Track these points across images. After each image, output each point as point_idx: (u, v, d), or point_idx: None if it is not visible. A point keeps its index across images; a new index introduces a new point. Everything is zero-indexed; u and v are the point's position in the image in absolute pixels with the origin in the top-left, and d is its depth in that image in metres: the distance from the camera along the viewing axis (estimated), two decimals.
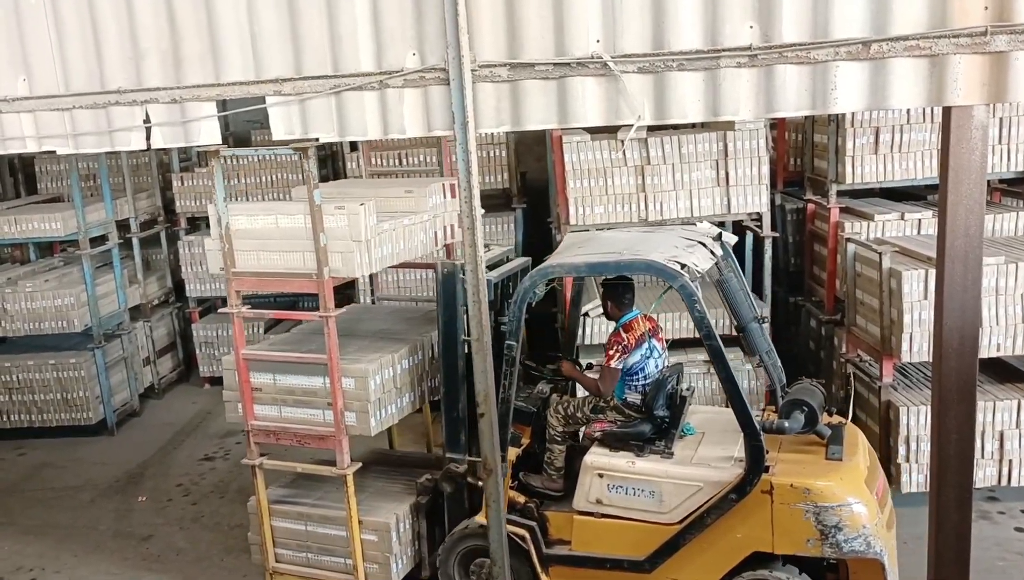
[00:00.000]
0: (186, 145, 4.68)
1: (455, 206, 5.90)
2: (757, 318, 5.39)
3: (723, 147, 7.20)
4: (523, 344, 5.29)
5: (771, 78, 3.82)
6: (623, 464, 5.00)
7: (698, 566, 4.84)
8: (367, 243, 5.10)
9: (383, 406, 5.41)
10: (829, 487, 4.58)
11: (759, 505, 4.67)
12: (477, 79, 4.15)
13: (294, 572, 5.72)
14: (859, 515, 4.54)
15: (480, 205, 4.40)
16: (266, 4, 4.27)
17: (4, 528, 7.22)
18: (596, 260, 5.03)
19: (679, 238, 5.28)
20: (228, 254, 5.24)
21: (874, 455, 5.20)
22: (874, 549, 4.57)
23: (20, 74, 4.59)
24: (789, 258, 8.77)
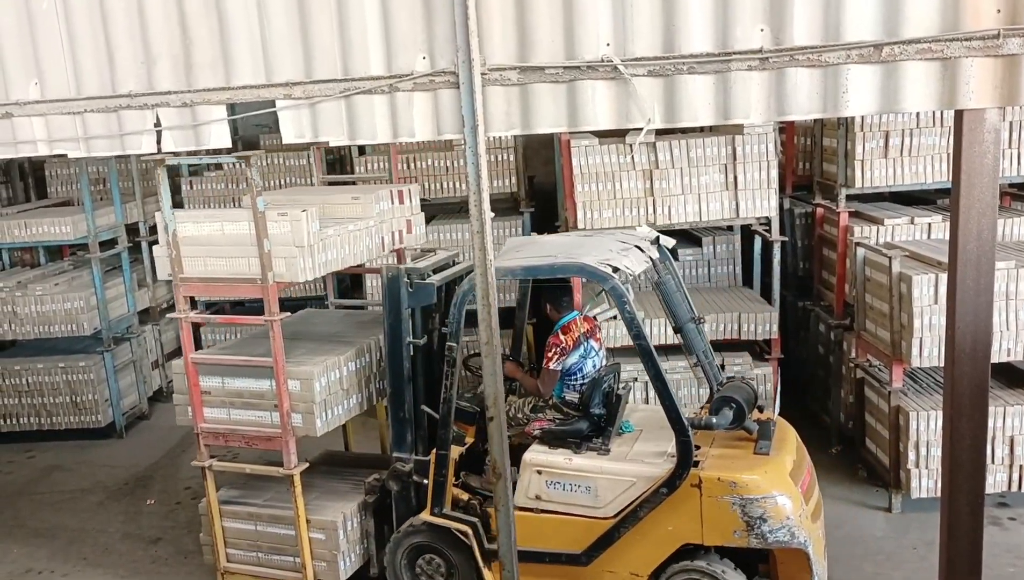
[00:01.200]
0: (196, 149, 4.68)
1: (403, 212, 6.24)
2: (694, 319, 5.56)
3: (732, 151, 7.19)
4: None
5: (782, 81, 3.81)
6: (560, 461, 5.21)
7: (633, 558, 5.05)
8: (310, 248, 5.30)
9: (329, 407, 5.56)
10: (754, 480, 4.79)
11: (689, 498, 4.88)
12: (487, 82, 4.14)
13: (245, 571, 5.86)
14: (783, 507, 4.75)
15: (489, 209, 4.39)
16: (277, 9, 4.27)
17: (14, 530, 7.24)
18: (531, 264, 5.21)
19: (615, 242, 5.43)
20: (176, 260, 5.43)
21: (803, 450, 5.37)
22: (798, 539, 4.77)
23: (32, 78, 4.60)
24: (798, 262, 8.74)
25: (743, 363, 7.27)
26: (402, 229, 6.25)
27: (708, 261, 8.27)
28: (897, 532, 6.37)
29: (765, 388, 7.28)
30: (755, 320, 7.23)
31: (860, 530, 6.41)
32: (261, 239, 5.17)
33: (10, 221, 8.84)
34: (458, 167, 8.70)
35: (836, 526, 6.47)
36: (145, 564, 6.56)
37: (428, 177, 8.80)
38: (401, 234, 6.26)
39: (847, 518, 6.58)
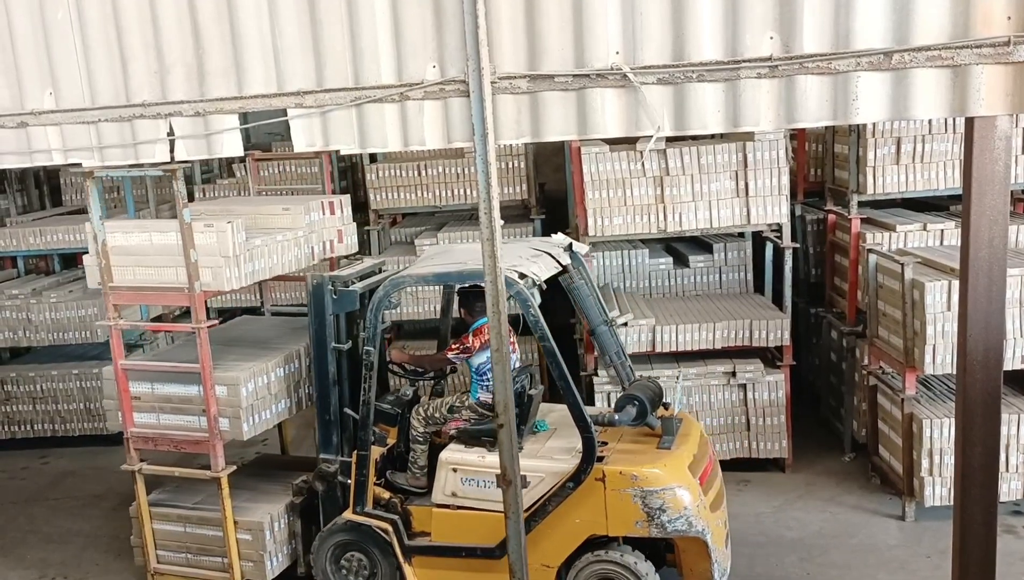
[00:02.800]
0: (209, 157, 4.73)
1: (334, 222, 6.53)
2: (606, 321, 5.85)
3: (742, 158, 7.18)
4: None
5: (792, 89, 3.81)
6: (474, 459, 5.49)
7: (544, 550, 5.30)
8: (236, 258, 5.54)
9: (256, 412, 5.78)
10: (654, 473, 5.09)
11: (594, 492, 5.16)
12: (497, 91, 4.16)
13: (175, 572, 6.07)
14: (681, 498, 5.06)
15: (499, 216, 4.40)
16: (289, 19, 4.31)
17: (28, 536, 7.30)
18: (441, 270, 5.54)
19: (527, 249, 5.71)
20: (105, 270, 5.63)
21: (707, 445, 5.68)
22: (696, 528, 5.09)
23: (47, 87, 4.65)
24: (810, 269, 8.72)
25: (754, 370, 7.25)
26: (333, 239, 6.55)
27: (719, 268, 8.25)
28: (910, 540, 6.33)
29: (777, 395, 7.26)
30: (767, 327, 7.21)
31: (873, 538, 6.38)
32: (188, 250, 5.38)
33: (25, 229, 8.92)
34: (469, 174, 8.72)
35: (849, 534, 6.44)
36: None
37: (439, 184, 8.83)
38: (332, 244, 6.54)
39: (860, 526, 6.55)
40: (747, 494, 7.15)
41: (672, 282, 8.31)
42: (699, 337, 7.21)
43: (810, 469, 7.50)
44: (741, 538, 6.47)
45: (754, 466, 7.43)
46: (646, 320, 7.23)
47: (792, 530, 6.57)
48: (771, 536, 6.50)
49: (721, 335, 7.20)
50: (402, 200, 8.93)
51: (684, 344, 7.22)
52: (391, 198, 8.91)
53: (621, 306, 7.41)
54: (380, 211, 9.12)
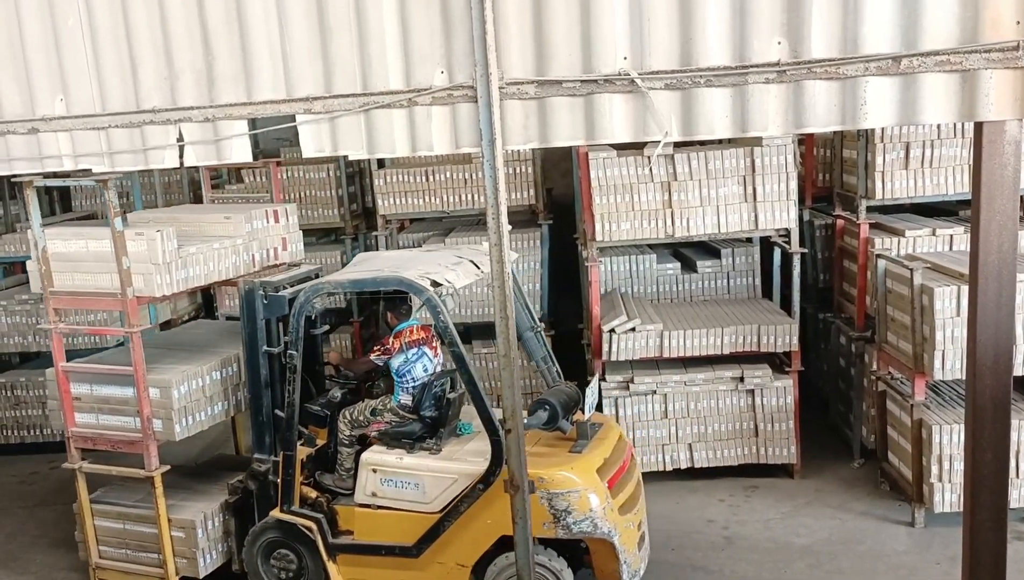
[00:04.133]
0: (218, 163, 4.75)
1: (278, 230, 6.70)
2: (533, 328, 6.02)
3: (750, 163, 7.16)
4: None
5: (800, 94, 3.81)
6: (393, 460, 5.66)
7: (458, 549, 5.48)
8: (167, 266, 5.74)
9: (189, 414, 5.97)
10: (560, 476, 5.22)
11: (504, 493, 5.08)
12: (505, 96, 4.18)
13: (115, 567, 6.32)
14: (586, 500, 5.18)
15: (507, 222, 4.41)
16: (298, 25, 4.34)
17: (37, 540, 7.32)
18: (358, 277, 5.72)
19: (451, 256, 5.94)
20: (46, 275, 5.87)
21: (625, 450, 5.76)
22: (601, 530, 5.21)
23: (58, 94, 4.70)
24: (818, 274, 8.69)
25: (763, 375, 7.23)
26: (277, 246, 6.71)
27: (727, 273, 8.23)
28: (920, 547, 6.30)
29: (785, 400, 7.24)
30: (775, 332, 7.19)
31: (882, 544, 6.35)
32: (119, 257, 5.61)
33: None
34: (476, 179, 8.73)
35: (858, 541, 6.41)
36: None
37: (447, 189, 8.83)
38: (276, 251, 6.70)
39: (869, 533, 6.52)
40: (755, 500, 7.13)
41: (680, 287, 8.30)
42: (707, 342, 7.20)
43: (819, 475, 7.47)
44: (750, 544, 6.46)
45: (762, 472, 7.41)
46: (654, 325, 7.22)
47: (801, 536, 6.55)
48: (780, 542, 6.47)
49: (729, 340, 7.18)
50: (410, 205, 8.94)
51: (692, 349, 7.20)
52: (399, 203, 8.92)
53: (628, 311, 7.41)
54: (388, 216, 9.12)
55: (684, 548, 6.47)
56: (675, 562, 6.31)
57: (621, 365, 7.40)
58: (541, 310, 8.82)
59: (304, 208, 9.77)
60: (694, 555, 6.38)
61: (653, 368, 7.42)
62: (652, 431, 7.33)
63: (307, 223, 9.83)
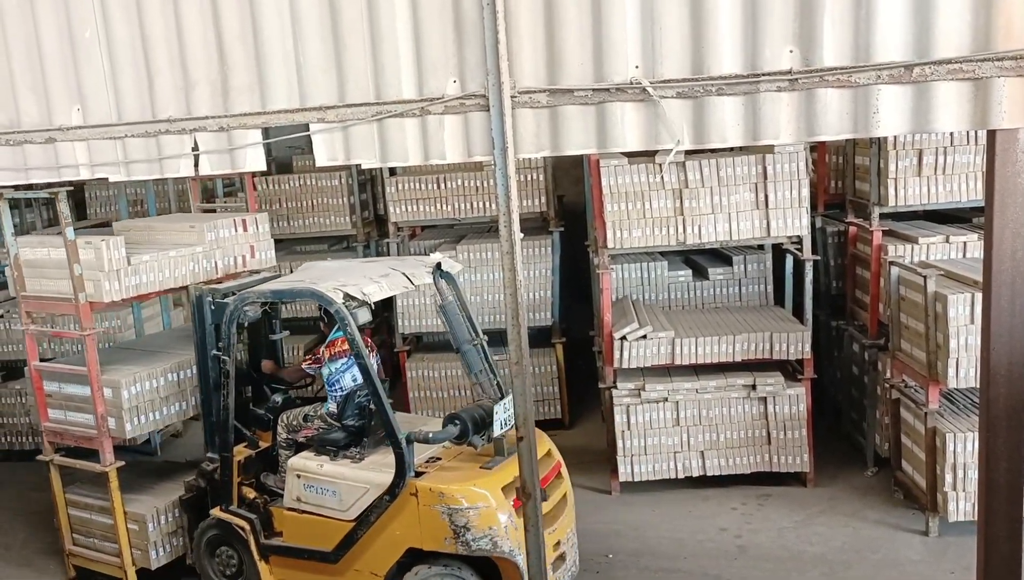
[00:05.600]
0: (232, 172, 4.78)
1: (247, 239, 7.00)
2: (472, 341, 5.98)
3: (762, 170, 7.16)
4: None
5: (812, 102, 3.80)
6: (314, 466, 5.76)
7: (371, 559, 5.55)
8: (116, 273, 6.06)
9: (142, 413, 6.34)
10: (461, 491, 5.21)
11: (408, 506, 5.33)
12: (517, 105, 4.19)
13: (84, 555, 6.74)
14: (486, 517, 5.16)
15: (519, 229, 4.42)
16: (312, 35, 4.37)
17: (50, 546, 7.35)
18: (277, 288, 5.90)
19: (383, 267, 6.02)
20: (18, 280, 6.33)
21: (549, 467, 5.66)
22: (502, 548, 5.19)
23: (75, 103, 4.74)
24: (830, 281, 8.67)
25: (775, 383, 7.21)
26: (245, 254, 7.00)
27: (739, 280, 8.23)
28: (934, 556, 6.26)
29: (798, 408, 7.21)
30: (787, 340, 7.17)
31: (896, 553, 6.31)
32: (72, 264, 5.97)
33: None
34: (487, 187, 8.77)
35: (872, 550, 6.38)
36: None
37: (458, 197, 8.88)
38: (244, 259, 6.99)
39: (883, 541, 6.48)
40: (768, 508, 7.10)
41: (691, 294, 8.30)
42: (719, 350, 7.19)
43: (832, 483, 7.44)
44: (763, 553, 6.43)
45: (775, 480, 7.39)
46: (665, 333, 7.21)
47: (814, 545, 6.52)
48: (793, 551, 6.45)
49: (741, 348, 7.17)
50: (421, 213, 8.99)
51: (704, 357, 7.20)
52: (410, 211, 8.97)
53: (640, 318, 7.41)
54: (399, 224, 9.17)
55: (697, 556, 6.45)
56: (688, 570, 6.30)
57: (632, 372, 7.40)
58: (552, 317, 8.84)
59: (316, 215, 9.84)
60: (707, 563, 6.36)
61: (664, 375, 7.41)
62: (664, 438, 7.32)
63: (319, 230, 9.96)
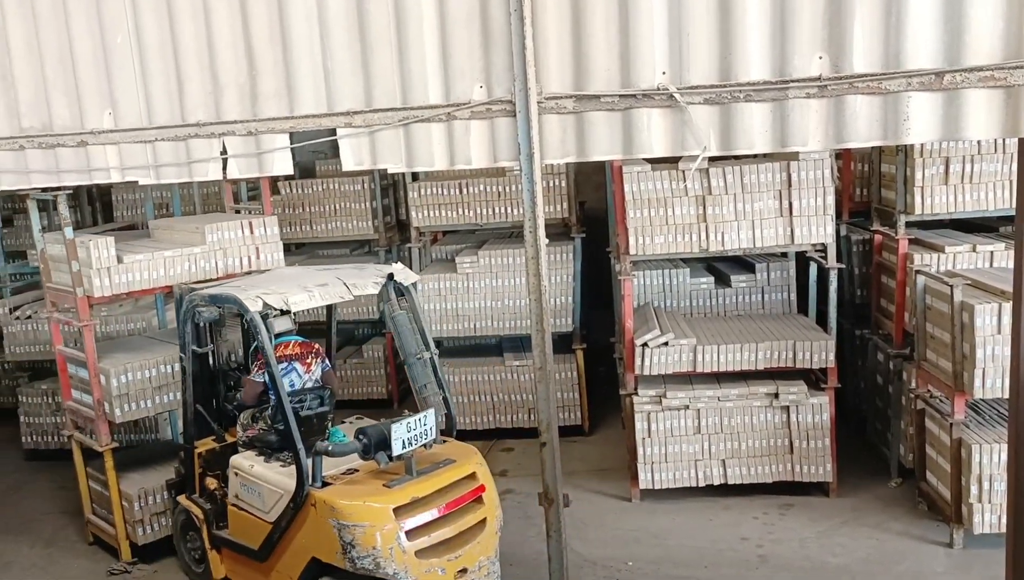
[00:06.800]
0: (259, 175, 4.83)
1: (253, 241, 7.20)
2: (419, 355, 5.92)
3: (787, 177, 7.11)
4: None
5: (841, 109, 3.80)
6: (247, 466, 5.89)
7: (286, 561, 5.62)
8: (107, 270, 6.52)
9: (133, 400, 6.77)
10: (349, 507, 5.17)
11: (310, 516, 5.36)
12: (543, 111, 4.21)
13: (98, 524, 7.22)
14: (371, 537, 5.10)
15: (544, 235, 4.44)
16: (339, 42, 4.42)
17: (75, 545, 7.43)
18: (212, 292, 6.05)
19: (328, 276, 6.05)
20: (45, 271, 6.94)
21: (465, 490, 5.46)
22: (385, 570, 5.10)
23: (106, 108, 4.82)
24: (855, 290, 8.59)
25: (798, 392, 7.15)
26: (251, 256, 7.23)
27: (762, 288, 8.17)
28: (959, 569, 6.18)
29: (821, 418, 7.16)
30: (811, 348, 7.11)
31: (920, 565, 6.24)
32: (70, 261, 6.51)
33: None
34: (510, 193, 8.78)
35: (895, 561, 6.31)
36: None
37: (480, 202, 8.89)
38: (250, 261, 7.22)
39: (907, 553, 6.41)
40: (790, 518, 7.05)
41: (713, 302, 8.25)
42: (741, 357, 7.15)
43: (855, 494, 7.37)
44: (784, 563, 6.38)
45: (797, 490, 7.32)
46: (687, 340, 7.19)
47: (837, 556, 6.46)
48: (815, 561, 6.39)
49: (764, 356, 7.12)
50: (443, 218, 9.01)
51: (726, 364, 7.16)
52: (432, 216, 9.00)
53: (661, 325, 7.38)
54: (421, 229, 9.20)
55: (718, 565, 6.41)
56: (708, 579, 6.26)
57: (653, 379, 7.37)
58: (573, 324, 8.84)
59: (339, 220, 9.89)
60: (728, 572, 6.31)
61: (686, 383, 7.37)
62: (685, 446, 7.28)
63: (342, 235, 10.01)
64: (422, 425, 5.40)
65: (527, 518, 7.22)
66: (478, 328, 8.86)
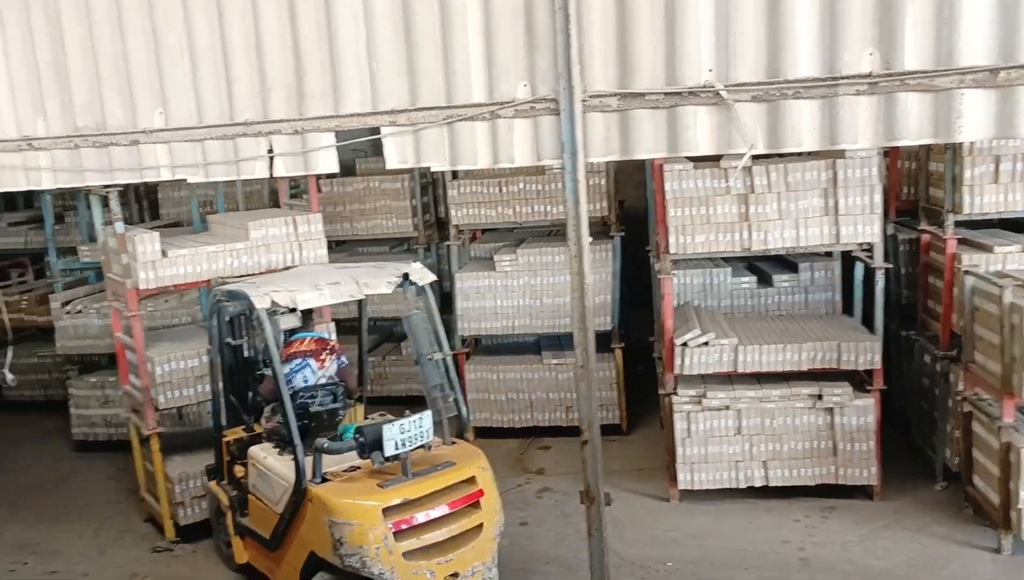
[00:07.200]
0: (305, 173, 4.89)
1: (298, 238, 7.40)
2: (430, 356, 5.93)
3: (832, 175, 7.01)
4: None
5: (892, 106, 3.75)
6: (261, 456, 6.06)
7: (292, 552, 5.73)
8: (151, 263, 6.82)
9: (174, 388, 7.15)
10: (340, 505, 5.23)
11: (309, 511, 5.46)
12: (587, 109, 4.21)
13: (150, 503, 7.58)
14: (358, 535, 5.14)
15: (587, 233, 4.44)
16: (385, 41, 4.45)
17: (123, 534, 7.60)
18: (229, 288, 6.18)
19: (343, 274, 6.17)
20: (105, 263, 7.40)
21: (462, 494, 5.44)
22: (371, 570, 5.15)
23: (158, 107, 4.91)
24: (901, 290, 8.45)
25: (842, 394, 7.06)
26: (294, 252, 7.42)
27: (805, 287, 8.07)
28: (1007, 575, 6.06)
29: (866, 420, 7.05)
30: (856, 349, 7.01)
31: (965, 571, 6.13)
32: (120, 254, 6.91)
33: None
34: (549, 191, 8.77)
35: (940, 566, 6.21)
36: None
37: (519, 200, 8.89)
38: (293, 257, 7.40)
39: (952, 558, 6.30)
40: (832, 521, 6.96)
41: (755, 301, 8.17)
42: (784, 358, 7.06)
43: (899, 497, 7.26)
44: (826, 566, 6.31)
45: (840, 492, 7.23)
46: (728, 339, 7.13)
47: (880, 559, 6.37)
48: (857, 565, 6.31)
49: (807, 357, 7.04)
50: (482, 216, 9.03)
51: (768, 365, 7.08)
52: (471, 214, 9.02)
53: (702, 325, 7.33)
54: (460, 226, 9.24)
55: (759, 568, 6.35)
56: None
57: (693, 379, 7.33)
58: (612, 322, 8.81)
59: (379, 218, 9.96)
60: (769, 575, 6.26)
61: (726, 383, 7.31)
62: (725, 447, 7.22)
63: (382, 232, 10.08)
64: (417, 427, 5.42)
65: (564, 516, 7.23)
66: (516, 326, 8.87)
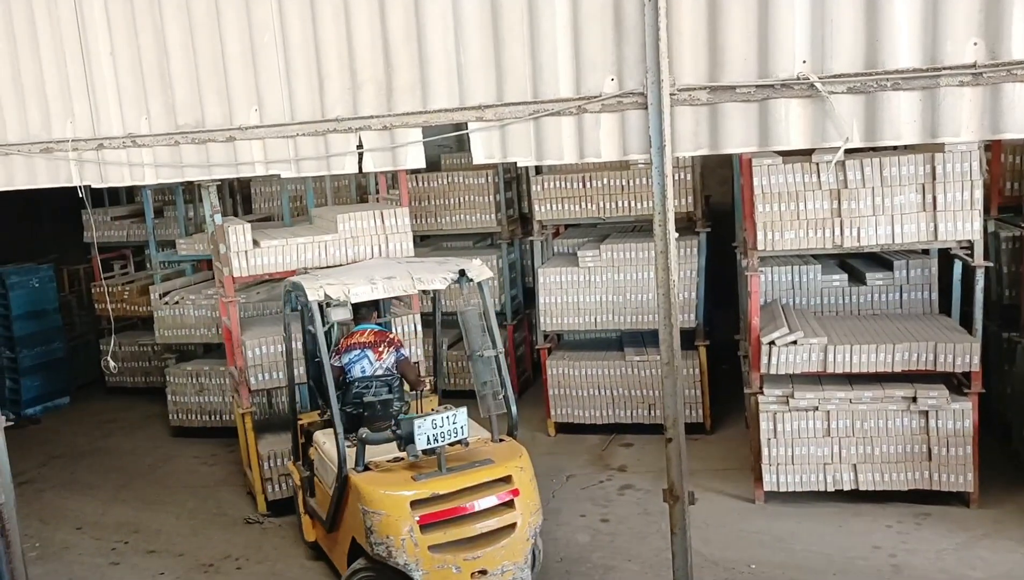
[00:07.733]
0: (393, 169, 4.98)
1: (384, 231, 7.65)
2: (481, 354, 5.95)
3: (931, 170, 6.74)
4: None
5: (998, 97, 3.57)
6: (322, 441, 6.33)
7: (342, 535, 5.94)
8: (245, 253, 7.25)
9: (265, 371, 7.57)
10: (372, 495, 5.40)
11: (350, 498, 5.65)
12: (675, 103, 4.15)
13: (249, 477, 7.93)
14: (386, 525, 5.30)
15: (674, 229, 4.39)
16: (472, 37, 4.49)
17: (215, 518, 7.92)
18: (293, 279, 6.40)
19: (400, 269, 6.31)
20: (214, 251, 7.81)
21: (497, 492, 5.50)
22: (396, 560, 5.31)
23: (252, 104, 5.07)
24: (1003, 290, 8.06)
25: (938, 396, 6.79)
26: (380, 245, 7.67)
27: (900, 286, 7.78)
28: None
29: (963, 424, 6.76)
30: (953, 350, 6.73)
31: None
32: (218, 244, 7.36)
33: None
34: (633, 186, 8.70)
35: None
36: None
37: (603, 196, 8.84)
38: (379, 250, 7.68)
39: None
40: (926, 528, 6.71)
41: (846, 300, 7.92)
42: (876, 359, 6.83)
43: (998, 505, 6.94)
44: (919, 574, 6.09)
45: (935, 499, 6.96)
46: (817, 339, 6.94)
47: (976, 569, 6.10)
48: (953, 574, 6.06)
49: (901, 357, 6.79)
50: (566, 211, 9.02)
51: (859, 365, 6.86)
52: (555, 209, 9.02)
53: (790, 323, 7.15)
54: (543, 222, 9.25)
55: (846, 573, 6.17)
56: None
57: (780, 379, 7.16)
58: (696, 320, 8.68)
59: (463, 213, 10.08)
60: None
61: (815, 383, 7.12)
62: (813, 449, 7.04)
63: (465, 227, 10.19)
64: (450, 423, 5.52)
65: (646, 515, 7.18)
66: (599, 322, 8.84)
